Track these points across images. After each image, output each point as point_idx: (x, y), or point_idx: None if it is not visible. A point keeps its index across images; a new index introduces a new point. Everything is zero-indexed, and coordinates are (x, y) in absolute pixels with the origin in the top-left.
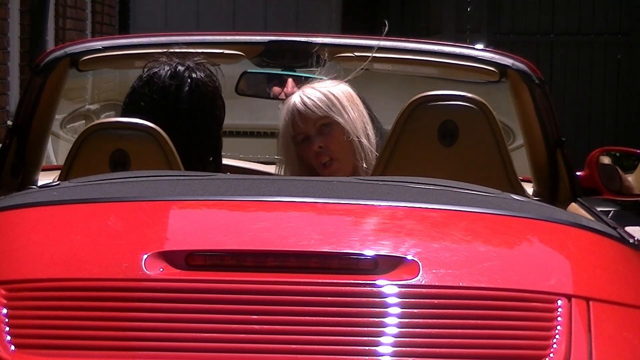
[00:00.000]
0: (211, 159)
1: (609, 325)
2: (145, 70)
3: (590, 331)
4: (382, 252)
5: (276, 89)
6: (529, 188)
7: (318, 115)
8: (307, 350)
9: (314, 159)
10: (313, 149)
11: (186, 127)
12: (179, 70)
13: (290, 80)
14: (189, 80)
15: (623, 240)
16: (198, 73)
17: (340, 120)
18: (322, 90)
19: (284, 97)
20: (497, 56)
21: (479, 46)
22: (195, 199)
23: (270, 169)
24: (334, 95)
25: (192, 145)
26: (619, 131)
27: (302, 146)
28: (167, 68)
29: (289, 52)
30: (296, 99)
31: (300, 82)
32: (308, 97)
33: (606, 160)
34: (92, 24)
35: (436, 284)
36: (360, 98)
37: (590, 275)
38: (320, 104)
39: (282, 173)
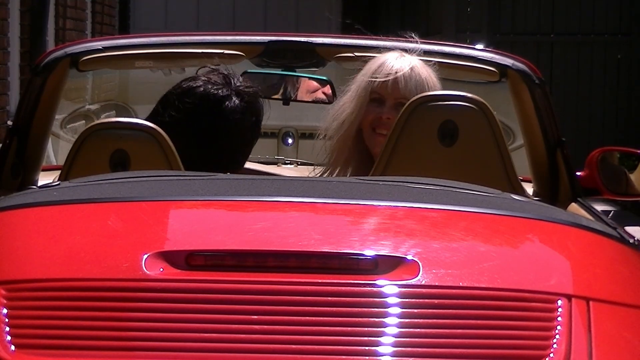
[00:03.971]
0: None
1: (609, 325)
2: (194, 77)
3: (590, 331)
4: (382, 252)
5: (312, 85)
6: (529, 188)
7: (407, 95)
8: (307, 350)
9: (372, 121)
10: (380, 115)
11: (198, 148)
12: (219, 92)
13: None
14: (226, 103)
15: (623, 240)
16: (236, 101)
17: None
18: (426, 77)
19: (322, 96)
20: (497, 56)
21: (479, 46)
22: (195, 199)
23: (270, 169)
24: (430, 88)
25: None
26: (619, 131)
27: (370, 104)
28: (205, 88)
29: (289, 52)
30: (405, 67)
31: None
32: (416, 75)
33: (613, 160)
34: (92, 24)
35: (436, 284)
36: None
37: (590, 275)
38: (418, 89)
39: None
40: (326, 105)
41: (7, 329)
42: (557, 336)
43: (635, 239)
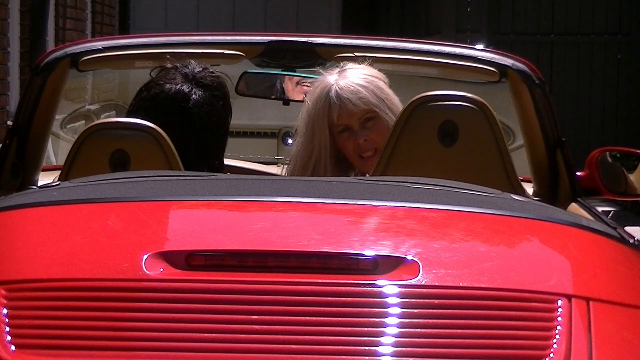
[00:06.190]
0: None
1: (609, 325)
2: (151, 82)
3: (590, 331)
4: (382, 252)
5: (295, 77)
6: (529, 188)
7: (364, 109)
8: (307, 350)
9: (354, 151)
10: (357, 141)
11: (181, 141)
12: (182, 90)
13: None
14: (191, 99)
15: (623, 240)
16: (199, 92)
17: (386, 112)
18: (366, 82)
19: (307, 89)
20: (497, 56)
21: (479, 46)
22: (195, 199)
23: (270, 169)
24: (377, 85)
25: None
26: (619, 131)
27: (340, 137)
28: (173, 88)
29: (289, 52)
30: (340, 88)
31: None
32: (353, 89)
33: (610, 160)
34: (92, 24)
35: (436, 284)
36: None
37: (590, 275)
38: (367, 97)
39: (306, 164)
40: None
41: (7, 329)
42: (557, 336)
43: (635, 239)
